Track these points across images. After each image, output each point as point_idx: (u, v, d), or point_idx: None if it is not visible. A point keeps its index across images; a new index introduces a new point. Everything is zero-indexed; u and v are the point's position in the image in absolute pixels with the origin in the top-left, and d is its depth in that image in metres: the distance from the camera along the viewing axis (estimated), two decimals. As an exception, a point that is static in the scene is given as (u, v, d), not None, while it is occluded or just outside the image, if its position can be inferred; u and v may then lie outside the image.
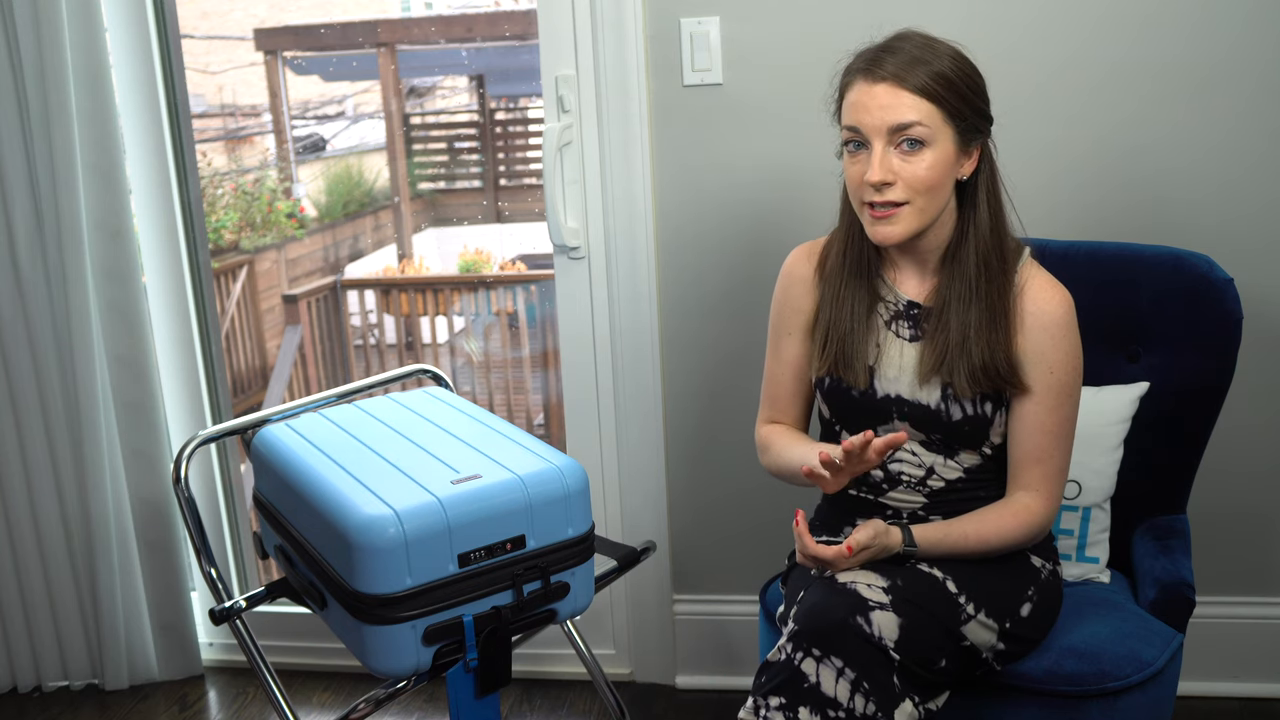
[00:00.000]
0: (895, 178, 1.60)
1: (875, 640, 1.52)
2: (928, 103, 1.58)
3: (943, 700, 1.64)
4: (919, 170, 1.60)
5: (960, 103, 1.60)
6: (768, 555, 2.42)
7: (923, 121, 1.58)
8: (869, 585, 1.56)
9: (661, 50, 2.32)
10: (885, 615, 1.54)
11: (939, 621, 1.59)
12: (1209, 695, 2.37)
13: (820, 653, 1.53)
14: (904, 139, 1.59)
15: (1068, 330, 1.68)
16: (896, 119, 1.58)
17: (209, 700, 2.69)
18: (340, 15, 8.33)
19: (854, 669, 1.52)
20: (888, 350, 1.73)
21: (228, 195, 7.54)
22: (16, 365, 2.56)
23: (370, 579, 1.60)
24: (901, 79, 1.58)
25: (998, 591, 1.67)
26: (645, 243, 2.39)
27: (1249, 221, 2.20)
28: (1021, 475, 1.70)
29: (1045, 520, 1.71)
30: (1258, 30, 2.12)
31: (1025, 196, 2.24)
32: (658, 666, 2.61)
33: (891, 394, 1.72)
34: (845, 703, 1.51)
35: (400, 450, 1.83)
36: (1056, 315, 1.67)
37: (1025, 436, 1.69)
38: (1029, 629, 1.70)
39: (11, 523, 2.65)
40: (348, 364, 6.81)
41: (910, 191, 1.61)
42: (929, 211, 1.64)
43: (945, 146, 1.60)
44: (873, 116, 1.60)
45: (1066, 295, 1.69)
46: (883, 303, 1.75)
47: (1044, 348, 1.67)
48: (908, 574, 1.61)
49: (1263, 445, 2.29)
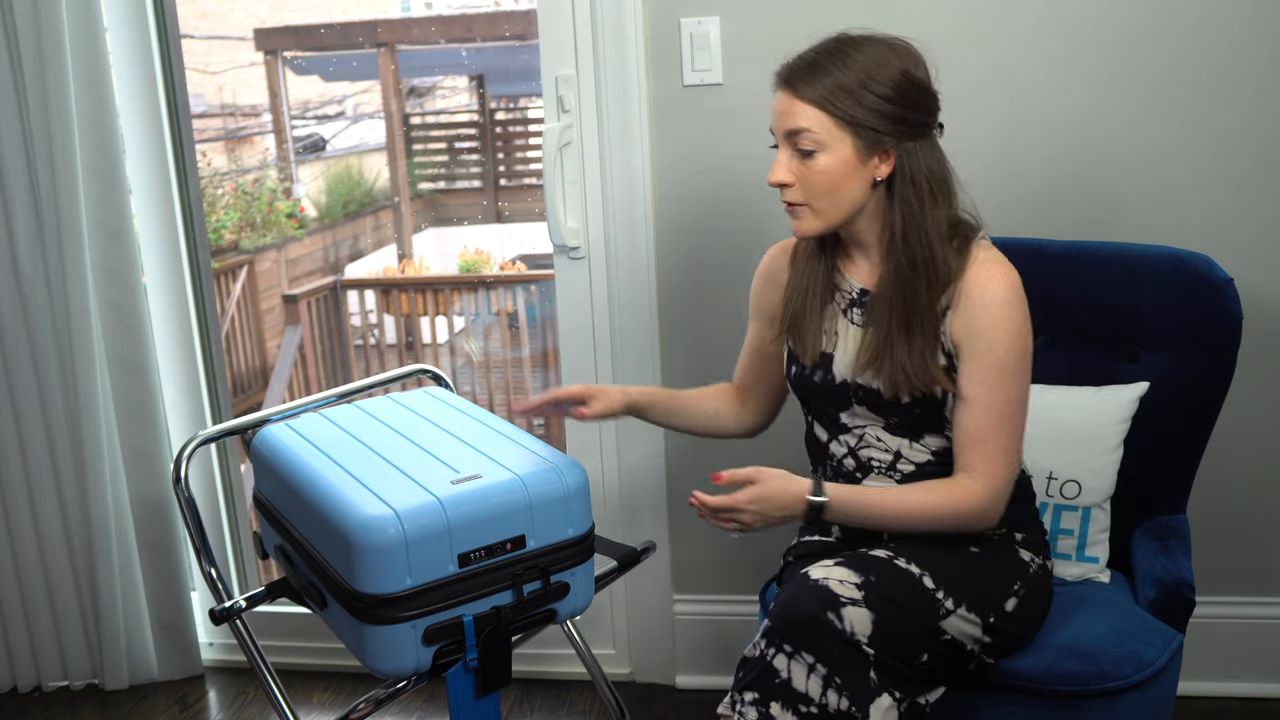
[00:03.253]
0: (795, 180, 1.67)
1: (847, 636, 1.54)
2: (819, 111, 1.63)
3: (936, 695, 1.65)
4: (812, 175, 1.65)
5: (857, 109, 1.62)
6: (767, 555, 2.42)
7: (812, 129, 1.63)
8: (841, 582, 1.57)
9: (661, 50, 2.32)
10: (858, 611, 1.55)
11: (916, 617, 1.60)
12: (1209, 695, 2.37)
13: (791, 649, 1.55)
14: (799, 144, 1.65)
15: (1009, 309, 1.66)
16: (788, 126, 1.66)
17: (209, 700, 2.69)
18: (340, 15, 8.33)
19: (825, 664, 1.53)
20: (845, 337, 1.76)
21: (228, 195, 7.54)
22: (16, 365, 2.57)
23: (370, 579, 1.60)
24: (796, 89, 1.64)
25: (979, 586, 1.67)
26: (645, 242, 2.39)
27: (1249, 221, 2.20)
28: (961, 456, 1.69)
29: (983, 503, 1.67)
30: (1258, 31, 2.12)
31: (1026, 197, 2.25)
32: (658, 666, 2.61)
33: (849, 379, 1.75)
34: (817, 698, 1.53)
35: (400, 450, 1.83)
36: (998, 293, 1.66)
37: (967, 417, 1.68)
38: (1016, 624, 1.70)
39: (11, 523, 2.65)
40: (348, 364, 6.82)
41: (807, 194, 1.67)
42: (831, 212, 1.68)
43: (841, 152, 1.64)
44: (775, 122, 1.69)
45: (1011, 275, 1.68)
46: (840, 291, 1.79)
47: (983, 325, 1.66)
48: (882, 570, 1.61)
49: (1263, 445, 2.29)
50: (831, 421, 1.79)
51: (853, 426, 1.77)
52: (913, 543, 1.70)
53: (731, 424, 1.99)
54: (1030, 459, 1.94)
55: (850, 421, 1.77)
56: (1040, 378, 2.02)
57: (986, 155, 2.24)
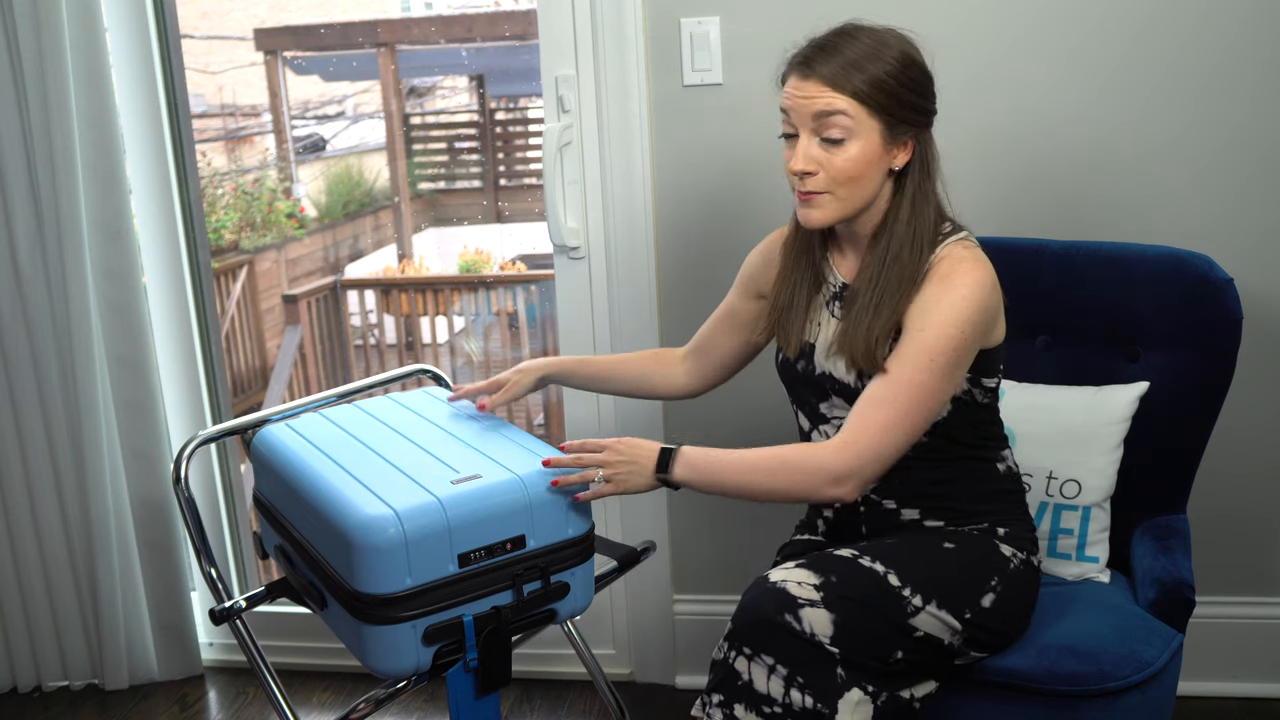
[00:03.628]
0: (818, 168, 1.65)
1: (807, 637, 1.54)
2: (852, 99, 1.62)
3: (925, 690, 1.65)
4: (839, 162, 1.64)
5: (887, 99, 1.62)
6: (767, 555, 2.42)
7: (847, 112, 1.62)
8: (799, 584, 1.58)
9: (661, 50, 2.32)
10: (816, 612, 1.55)
11: (881, 615, 1.59)
12: (1209, 695, 2.37)
13: (751, 651, 1.56)
14: (829, 129, 1.63)
15: (960, 301, 1.62)
16: (819, 108, 1.63)
17: (209, 700, 2.69)
18: (340, 15, 8.33)
19: (785, 665, 1.54)
20: (825, 329, 1.77)
21: (228, 195, 7.54)
22: (16, 365, 2.57)
23: (370, 579, 1.60)
24: (828, 77, 1.62)
25: (951, 583, 1.66)
26: (645, 243, 2.39)
27: (1249, 221, 2.20)
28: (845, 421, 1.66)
29: (831, 465, 1.62)
30: (1259, 31, 2.12)
31: (1027, 197, 2.25)
32: (658, 666, 2.61)
33: (827, 371, 1.75)
34: (780, 698, 1.54)
35: (400, 450, 1.83)
36: (958, 283, 1.63)
37: (869, 386, 1.65)
38: (996, 620, 1.69)
39: (11, 523, 2.65)
40: (348, 364, 6.81)
41: (831, 182, 1.65)
42: (852, 201, 1.67)
43: (870, 140, 1.63)
44: (800, 107, 1.65)
45: (980, 272, 1.64)
46: (825, 284, 1.80)
47: (928, 306, 1.63)
48: (844, 569, 1.61)
49: (1263, 445, 2.29)
50: (812, 411, 1.80)
51: (831, 417, 1.77)
52: (881, 543, 1.70)
53: (660, 385, 2.03)
54: (1030, 459, 1.94)
55: (829, 412, 1.77)
56: (1040, 378, 2.03)
57: (987, 155, 2.24)
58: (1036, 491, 1.95)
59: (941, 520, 1.75)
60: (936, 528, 1.75)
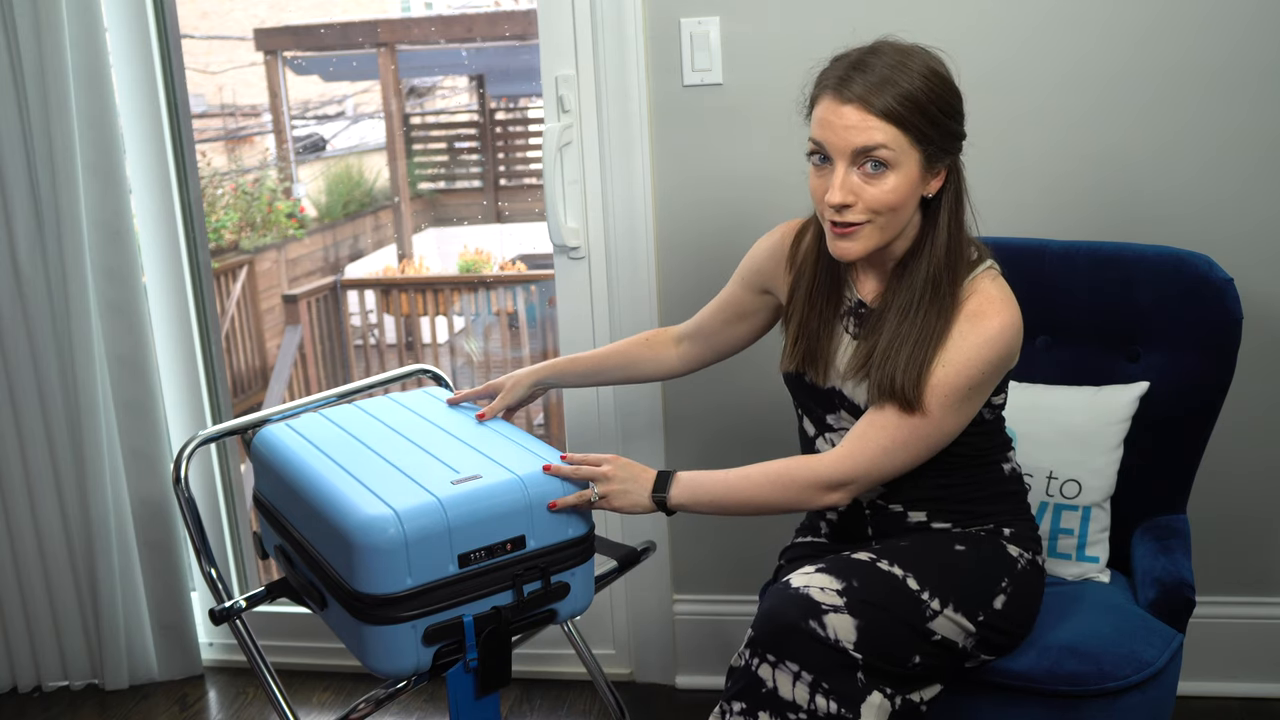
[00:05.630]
0: (856, 199, 1.58)
1: (831, 642, 1.54)
2: (894, 127, 1.55)
3: (932, 693, 1.65)
4: (880, 193, 1.58)
5: (928, 126, 1.57)
6: (768, 555, 2.42)
7: (888, 145, 1.56)
8: (822, 589, 1.57)
9: (661, 50, 2.32)
10: (840, 618, 1.55)
11: (902, 620, 1.59)
12: (1209, 695, 2.37)
13: (775, 658, 1.55)
14: (868, 161, 1.57)
15: (986, 340, 1.61)
16: (861, 142, 1.56)
17: (209, 700, 2.69)
18: (340, 15, 8.33)
19: (811, 671, 1.53)
20: (841, 347, 1.75)
21: (228, 195, 7.54)
22: (16, 365, 2.56)
23: (370, 579, 1.60)
24: (869, 102, 1.55)
25: (965, 586, 1.66)
26: (645, 243, 2.39)
27: (1249, 221, 2.20)
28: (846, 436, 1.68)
29: (822, 475, 1.65)
30: (1259, 33, 2.12)
31: (1027, 198, 2.25)
32: (658, 666, 2.61)
33: (837, 387, 1.74)
34: (805, 705, 1.53)
35: (400, 450, 1.83)
36: (987, 321, 1.61)
37: (873, 408, 1.66)
38: (1006, 620, 1.69)
39: (11, 523, 2.65)
40: (348, 364, 6.81)
41: (871, 212, 1.60)
42: (890, 229, 1.62)
43: (910, 169, 1.58)
44: (838, 137, 1.57)
45: (1008, 314, 1.63)
46: (843, 300, 1.77)
47: (954, 337, 1.62)
48: (864, 574, 1.61)
49: (1263, 445, 2.29)
50: (819, 420, 1.80)
51: (838, 427, 1.77)
52: (896, 545, 1.69)
53: (652, 369, 2.02)
54: (1030, 459, 1.94)
55: (836, 423, 1.77)
56: (1040, 378, 2.03)
57: (987, 156, 2.23)
58: (1037, 491, 1.95)
59: (949, 522, 1.75)
60: (944, 529, 1.75)
